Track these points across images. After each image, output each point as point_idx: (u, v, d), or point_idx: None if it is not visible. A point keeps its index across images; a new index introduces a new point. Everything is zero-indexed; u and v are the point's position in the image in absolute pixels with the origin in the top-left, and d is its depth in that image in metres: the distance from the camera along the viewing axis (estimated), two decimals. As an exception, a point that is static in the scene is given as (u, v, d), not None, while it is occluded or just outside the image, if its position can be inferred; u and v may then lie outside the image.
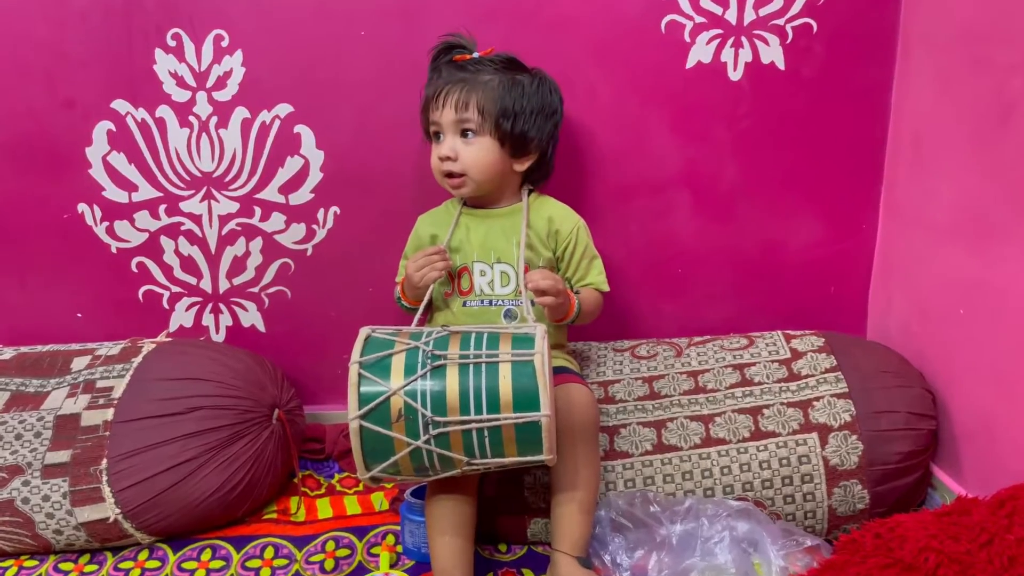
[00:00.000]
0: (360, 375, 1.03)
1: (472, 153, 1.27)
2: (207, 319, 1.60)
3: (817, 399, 1.30)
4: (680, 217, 1.55)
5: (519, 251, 1.27)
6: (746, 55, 1.46)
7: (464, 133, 1.27)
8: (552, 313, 1.25)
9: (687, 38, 1.45)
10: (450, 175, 1.29)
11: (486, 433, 1.02)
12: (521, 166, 1.31)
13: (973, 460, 1.28)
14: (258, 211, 1.53)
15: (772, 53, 1.46)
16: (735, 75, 1.47)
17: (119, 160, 1.50)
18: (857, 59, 1.47)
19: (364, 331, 1.09)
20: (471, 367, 1.03)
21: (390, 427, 1.03)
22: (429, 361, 1.03)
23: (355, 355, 1.05)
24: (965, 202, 1.28)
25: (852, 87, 1.48)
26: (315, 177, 1.52)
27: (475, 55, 1.31)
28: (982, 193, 1.23)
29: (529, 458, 1.05)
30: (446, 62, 1.31)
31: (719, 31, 1.45)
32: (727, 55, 1.46)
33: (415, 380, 1.02)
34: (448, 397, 1.02)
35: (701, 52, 1.46)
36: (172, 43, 1.45)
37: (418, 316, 1.21)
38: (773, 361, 1.37)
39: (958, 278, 1.30)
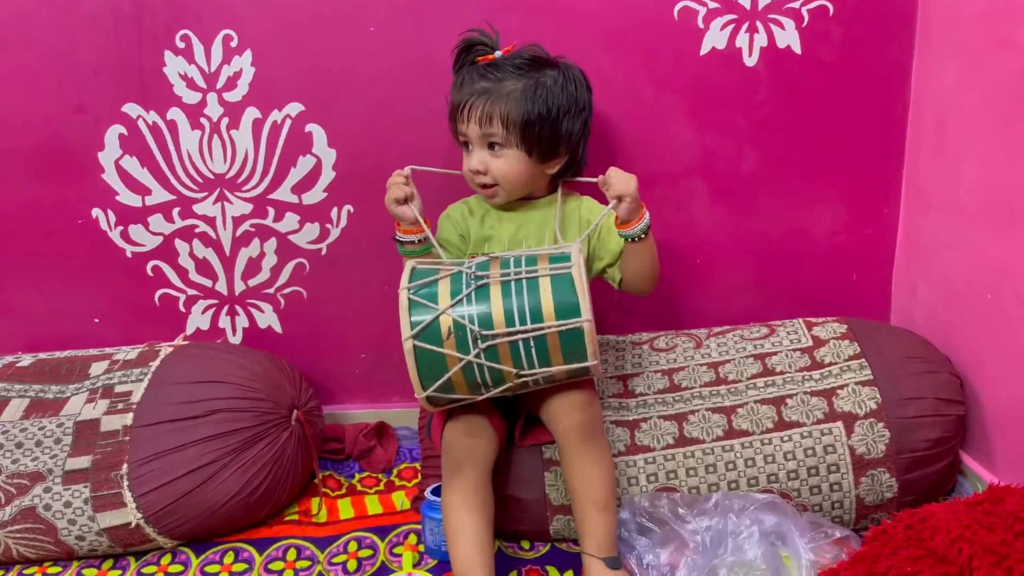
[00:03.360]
0: (410, 299, 1.10)
1: (501, 166, 1.26)
2: (224, 321, 1.60)
3: (841, 387, 1.27)
4: (698, 207, 1.53)
5: (557, 221, 1.28)
6: (761, 40, 1.44)
7: (491, 145, 1.26)
8: (624, 213, 1.22)
9: (701, 24, 1.43)
10: (483, 186, 1.28)
11: (532, 343, 1.08)
12: (552, 169, 1.30)
13: (1003, 446, 1.26)
14: (271, 212, 1.53)
15: (788, 37, 1.44)
16: (750, 60, 1.45)
17: (132, 164, 1.50)
18: (875, 41, 1.44)
19: (410, 263, 1.16)
20: (512, 283, 1.10)
21: (441, 344, 1.09)
22: (473, 282, 1.10)
23: (404, 281, 1.12)
24: (991, 185, 1.26)
25: (871, 70, 1.46)
26: (328, 176, 1.51)
27: (498, 54, 1.27)
28: (1009, 175, 1.21)
29: (575, 366, 1.10)
30: (469, 64, 1.29)
31: (733, 16, 1.43)
32: (742, 40, 1.44)
33: (461, 300, 1.09)
34: (494, 312, 1.08)
35: (715, 38, 1.44)
36: (181, 45, 1.44)
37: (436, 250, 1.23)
38: (795, 350, 1.35)
39: (985, 262, 1.28)
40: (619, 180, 1.21)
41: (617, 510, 1.18)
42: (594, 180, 1.24)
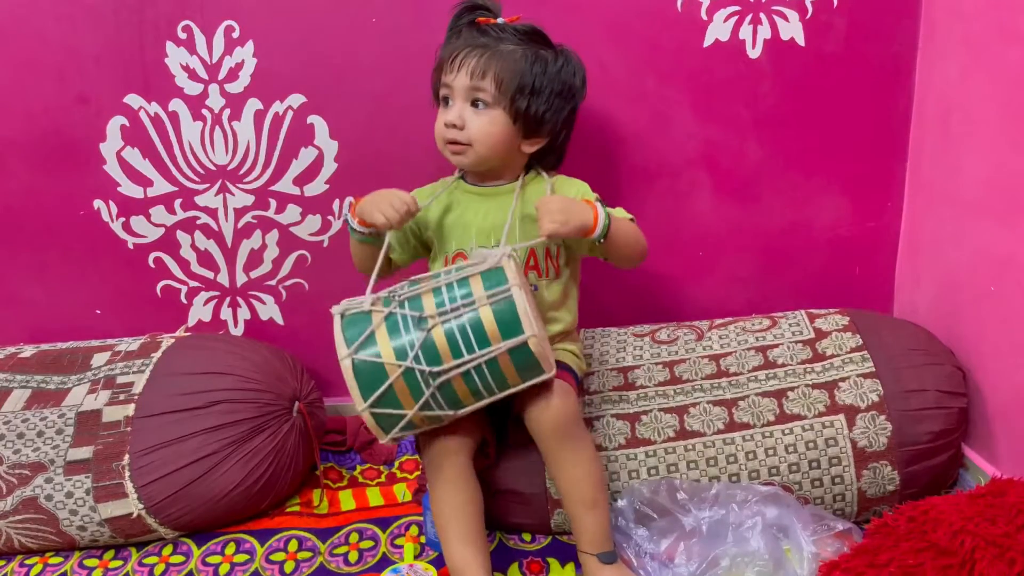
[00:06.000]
0: (355, 370, 1.05)
1: (481, 124, 1.19)
2: (225, 313, 1.60)
3: (843, 380, 1.27)
4: (700, 199, 1.53)
5: (508, 225, 1.19)
6: (765, 32, 1.43)
7: (476, 103, 1.20)
8: (575, 232, 1.13)
9: (704, 16, 1.43)
10: (453, 142, 1.21)
11: (485, 369, 1.05)
12: (530, 147, 1.24)
13: (1006, 439, 1.26)
14: (273, 203, 1.53)
15: (791, 29, 1.43)
16: (754, 52, 1.44)
17: (133, 155, 1.50)
18: (880, 33, 1.44)
19: (336, 315, 1.09)
20: (453, 321, 1.05)
21: (400, 406, 1.06)
22: (414, 326, 1.05)
23: (341, 349, 1.06)
24: (995, 176, 1.25)
25: (875, 62, 1.45)
26: (329, 167, 1.51)
27: (500, 20, 1.23)
28: (1013, 166, 1.20)
29: (534, 381, 1.09)
30: (467, 23, 1.24)
31: (737, 8, 1.42)
32: (745, 32, 1.43)
33: (405, 349, 1.05)
34: (439, 348, 1.05)
35: (719, 30, 1.43)
36: (183, 36, 1.44)
37: (373, 280, 1.16)
38: (797, 342, 1.34)
39: (988, 254, 1.27)
40: (544, 217, 1.11)
41: (608, 504, 1.17)
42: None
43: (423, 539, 1.28)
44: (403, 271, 1.31)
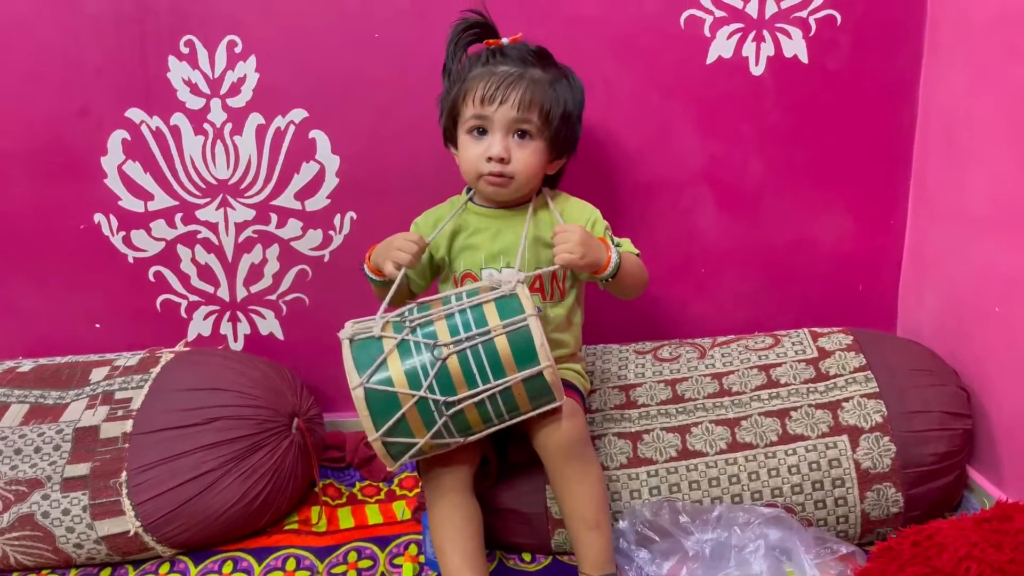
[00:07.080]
0: (367, 398, 1.05)
1: (525, 157, 1.19)
2: (225, 328, 1.59)
3: (847, 400, 1.26)
4: (703, 215, 1.52)
5: (522, 250, 1.19)
6: (768, 49, 1.43)
7: (520, 134, 1.19)
8: (587, 268, 1.15)
9: (707, 33, 1.42)
10: (497, 175, 1.19)
11: (499, 398, 1.06)
12: (552, 170, 1.26)
13: (1011, 461, 1.25)
14: (274, 218, 1.52)
15: (795, 46, 1.43)
16: (757, 70, 1.44)
17: (134, 169, 1.49)
18: (883, 50, 1.43)
19: (344, 341, 1.08)
20: (468, 350, 1.04)
21: (411, 435, 1.06)
22: (428, 352, 1.04)
23: (352, 377, 1.05)
24: (1001, 194, 1.24)
25: (879, 79, 1.45)
26: (331, 182, 1.50)
27: (505, 40, 1.23)
28: (1019, 184, 1.20)
29: (544, 408, 1.09)
30: (469, 43, 1.24)
31: (740, 25, 1.42)
32: (748, 49, 1.43)
33: (418, 377, 1.04)
34: (454, 377, 1.04)
35: (722, 47, 1.43)
36: (185, 50, 1.44)
37: (385, 304, 1.13)
38: (800, 361, 1.33)
39: (994, 272, 1.27)
40: (563, 245, 1.13)
41: (611, 525, 1.16)
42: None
43: (422, 559, 1.27)
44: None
